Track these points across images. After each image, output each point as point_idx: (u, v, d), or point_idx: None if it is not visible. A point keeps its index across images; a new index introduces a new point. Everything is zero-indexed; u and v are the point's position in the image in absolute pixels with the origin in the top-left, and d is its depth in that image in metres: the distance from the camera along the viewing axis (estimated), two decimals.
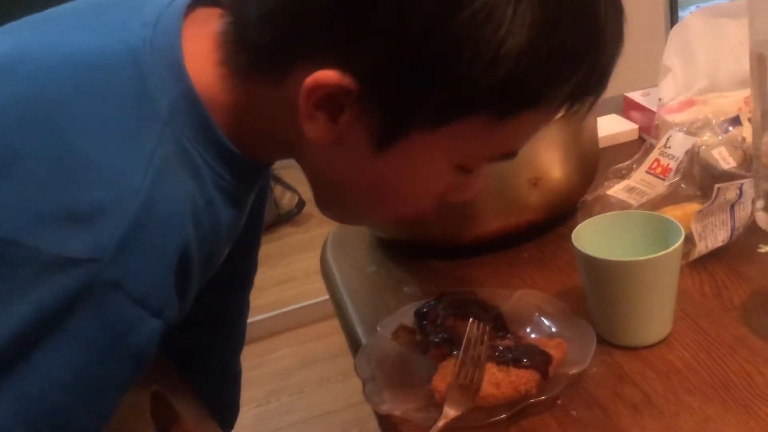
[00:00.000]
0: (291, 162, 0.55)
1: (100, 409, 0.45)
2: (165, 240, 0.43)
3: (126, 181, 0.42)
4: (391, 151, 0.47)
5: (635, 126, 1.02)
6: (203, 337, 0.72)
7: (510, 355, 0.58)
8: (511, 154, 0.52)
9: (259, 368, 1.92)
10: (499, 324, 0.65)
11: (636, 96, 1.04)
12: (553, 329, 0.65)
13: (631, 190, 0.79)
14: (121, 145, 0.43)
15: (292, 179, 2.37)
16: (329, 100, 0.45)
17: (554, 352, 0.59)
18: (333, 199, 0.56)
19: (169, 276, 0.44)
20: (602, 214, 0.67)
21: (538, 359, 0.58)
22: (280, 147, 0.54)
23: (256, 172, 0.56)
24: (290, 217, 2.43)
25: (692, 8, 2.20)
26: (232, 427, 0.77)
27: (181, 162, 0.46)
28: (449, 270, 0.80)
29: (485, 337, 0.58)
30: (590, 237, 0.64)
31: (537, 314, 0.67)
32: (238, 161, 0.50)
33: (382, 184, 0.51)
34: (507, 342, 0.61)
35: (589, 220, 0.66)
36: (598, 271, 0.62)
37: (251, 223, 0.61)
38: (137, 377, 0.46)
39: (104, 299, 0.41)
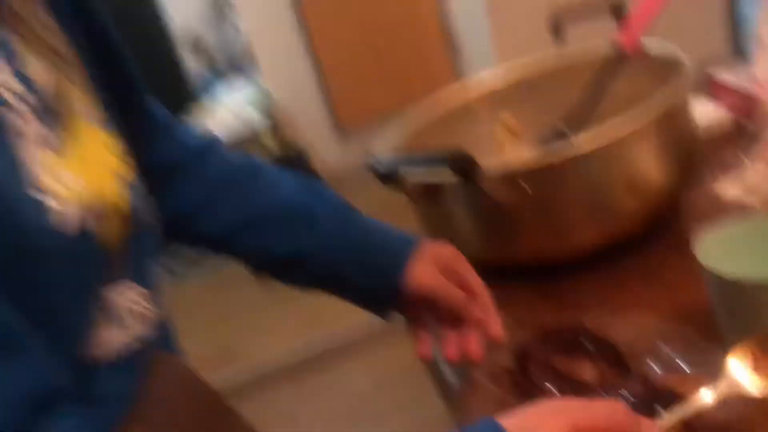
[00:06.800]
0: None
1: None
2: None
3: None
4: None
5: (725, 110, 0.91)
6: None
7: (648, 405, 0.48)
8: None
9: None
10: (617, 360, 0.55)
11: (726, 76, 0.92)
12: (681, 362, 0.55)
13: (747, 188, 0.68)
14: None
15: None
16: None
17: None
18: None
19: None
20: (728, 221, 0.57)
21: None
22: None
23: None
24: None
25: None
26: None
27: None
28: (541, 293, 0.70)
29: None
30: (717, 250, 0.54)
31: (657, 343, 0.57)
32: None
33: None
34: (633, 386, 0.52)
35: (712, 229, 0.56)
36: (743, 296, 0.52)
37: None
38: None
39: None
